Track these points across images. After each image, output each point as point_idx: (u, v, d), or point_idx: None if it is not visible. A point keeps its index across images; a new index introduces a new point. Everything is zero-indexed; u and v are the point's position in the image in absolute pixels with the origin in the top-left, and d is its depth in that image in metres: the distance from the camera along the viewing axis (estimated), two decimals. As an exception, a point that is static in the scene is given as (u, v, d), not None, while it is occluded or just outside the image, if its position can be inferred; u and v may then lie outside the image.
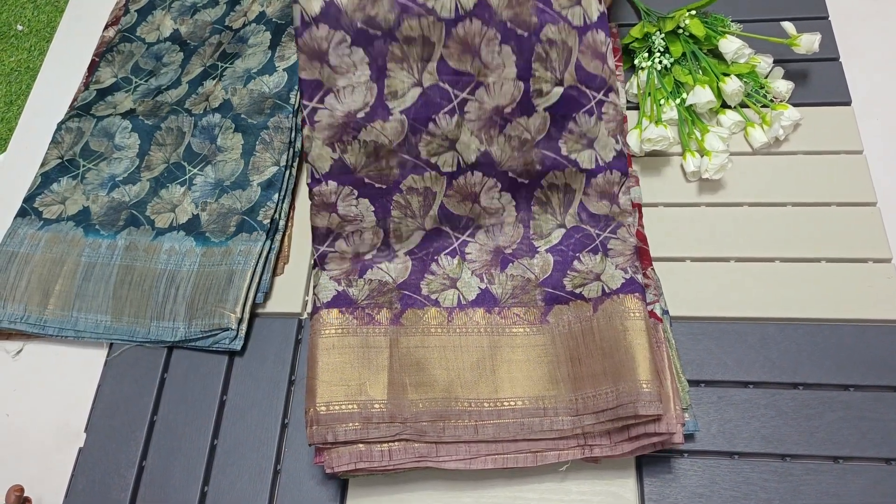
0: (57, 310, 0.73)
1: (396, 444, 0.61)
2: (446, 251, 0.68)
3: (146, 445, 0.68)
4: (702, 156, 0.75)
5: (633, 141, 0.75)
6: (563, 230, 0.68)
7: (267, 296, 0.73)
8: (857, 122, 0.78)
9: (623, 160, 0.68)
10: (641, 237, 0.70)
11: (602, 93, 0.66)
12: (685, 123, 0.77)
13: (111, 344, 0.73)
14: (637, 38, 0.81)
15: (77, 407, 0.71)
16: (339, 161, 0.65)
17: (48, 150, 0.83)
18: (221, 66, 0.85)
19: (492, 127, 0.66)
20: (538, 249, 0.68)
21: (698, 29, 0.78)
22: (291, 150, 0.79)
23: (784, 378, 0.66)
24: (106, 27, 0.95)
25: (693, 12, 0.79)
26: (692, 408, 0.64)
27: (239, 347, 0.70)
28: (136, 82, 0.88)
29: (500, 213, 0.69)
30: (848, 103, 0.79)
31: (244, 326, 0.71)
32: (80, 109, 0.86)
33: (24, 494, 0.65)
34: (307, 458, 0.65)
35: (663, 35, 0.80)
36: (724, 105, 0.79)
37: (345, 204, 0.66)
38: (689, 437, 0.64)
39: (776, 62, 0.79)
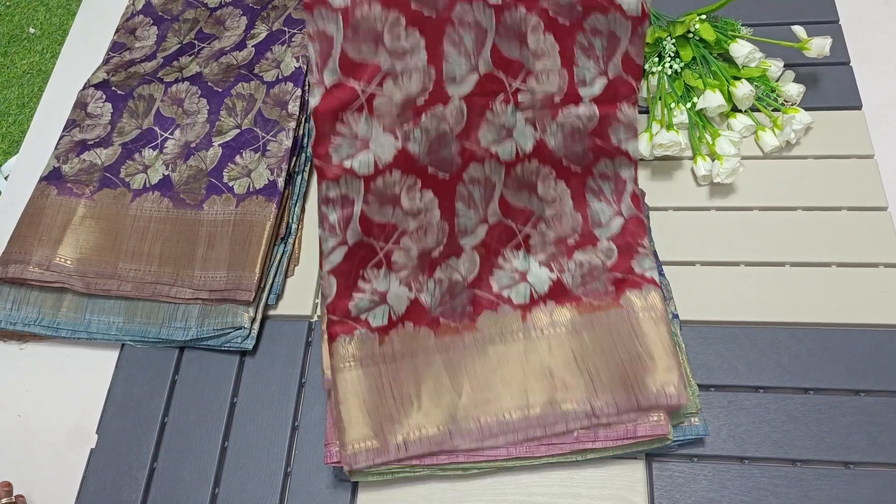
0: (70, 312, 0.73)
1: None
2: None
3: (157, 447, 0.68)
4: (713, 160, 0.75)
5: (643, 145, 0.75)
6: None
7: (279, 297, 0.74)
8: (868, 127, 0.77)
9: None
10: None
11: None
12: (696, 128, 0.77)
13: (123, 345, 0.73)
14: (647, 43, 0.81)
15: (88, 408, 0.71)
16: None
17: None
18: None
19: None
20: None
21: (708, 33, 0.78)
22: (304, 154, 0.80)
23: (795, 383, 0.66)
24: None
25: (703, 16, 0.79)
26: (702, 412, 0.64)
27: (251, 346, 0.70)
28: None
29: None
30: (859, 107, 0.79)
31: (256, 325, 0.71)
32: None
33: (16, 493, 0.65)
34: (317, 461, 0.66)
35: (673, 39, 0.80)
36: (735, 109, 0.79)
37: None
38: (698, 441, 0.63)
39: (786, 66, 0.79)
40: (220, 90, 0.81)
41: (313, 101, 0.60)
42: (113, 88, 0.84)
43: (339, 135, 0.61)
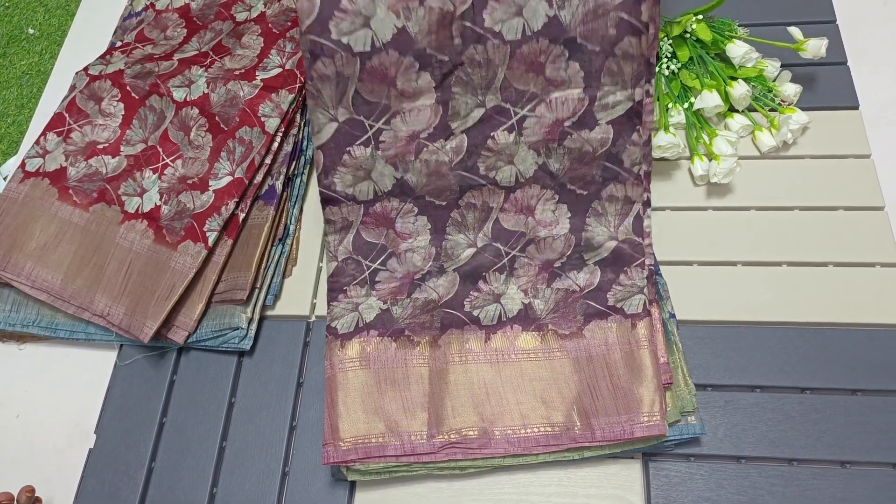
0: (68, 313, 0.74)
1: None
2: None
3: (155, 447, 0.68)
4: (710, 160, 0.75)
5: (640, 145, 0.75)
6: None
7: (276, 298, 0.74)
8: (865, 126, 0.78)
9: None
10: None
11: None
12: (693, 128, 0.77)
13: (121, 346, 0.74)
14: (644, 43, 0.81)
15: (87, 408, 0.71)
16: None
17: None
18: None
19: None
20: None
21: (705, 33, 0.79)
22: (303, 157, 0.80)
23: (791, 382, 0.66)
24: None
25: (700, 17, 0.79)
26: (699, 411, 0.64)
27: (248, 347, 0.71)
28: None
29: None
30: (856, 107, 0.79)
31: (254, 326, 0.71)
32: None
33: (35, 495, 0.65)
34: (315, 461, 0.66)
35: (670, 40, 0.80)
36: (732, 109, 0.79)
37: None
38: (695, 440, 0.64)
39: (783, 66, 0.79)
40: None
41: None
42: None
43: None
